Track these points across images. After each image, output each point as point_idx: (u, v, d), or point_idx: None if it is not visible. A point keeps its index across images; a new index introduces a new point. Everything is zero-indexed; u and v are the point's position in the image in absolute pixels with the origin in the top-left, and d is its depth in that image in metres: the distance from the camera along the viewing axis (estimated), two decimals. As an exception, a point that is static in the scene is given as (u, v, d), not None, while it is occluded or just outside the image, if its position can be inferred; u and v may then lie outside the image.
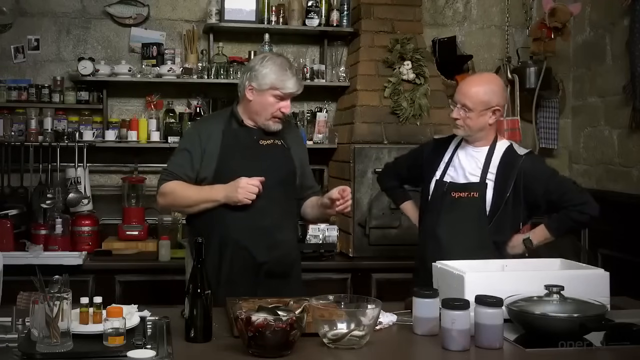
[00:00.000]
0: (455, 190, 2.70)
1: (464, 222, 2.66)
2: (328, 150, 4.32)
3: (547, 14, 4.28)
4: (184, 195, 2.63)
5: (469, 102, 2.66)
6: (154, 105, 4.25)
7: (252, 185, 2.53)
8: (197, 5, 4.44)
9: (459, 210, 2.67)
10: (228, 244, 2.61)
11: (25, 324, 1.98)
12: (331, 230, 3.97)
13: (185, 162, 2.66)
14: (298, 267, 2.79)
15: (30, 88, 4.16)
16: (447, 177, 2.75)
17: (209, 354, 1.89)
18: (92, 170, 4.21)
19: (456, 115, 2.70)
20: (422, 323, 2.05)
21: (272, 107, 2.63)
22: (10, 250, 3.62)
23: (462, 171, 2.73)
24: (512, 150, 2.74)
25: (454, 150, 2.80)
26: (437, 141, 2.93)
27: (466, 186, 2.69)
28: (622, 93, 4.12)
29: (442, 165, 2.79)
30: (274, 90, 2.61)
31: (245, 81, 2.65)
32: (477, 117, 2.66)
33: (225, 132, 2.68)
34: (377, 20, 4.23)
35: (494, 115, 2.69)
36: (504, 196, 2.64)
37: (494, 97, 2.67)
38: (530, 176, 2.66)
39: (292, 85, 2.62)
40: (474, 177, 2.70)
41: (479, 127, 2.69)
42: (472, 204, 2.66)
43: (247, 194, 2.53)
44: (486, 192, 2.66)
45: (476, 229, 2.65)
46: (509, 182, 2.65)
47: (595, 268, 2.36)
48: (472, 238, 2.64)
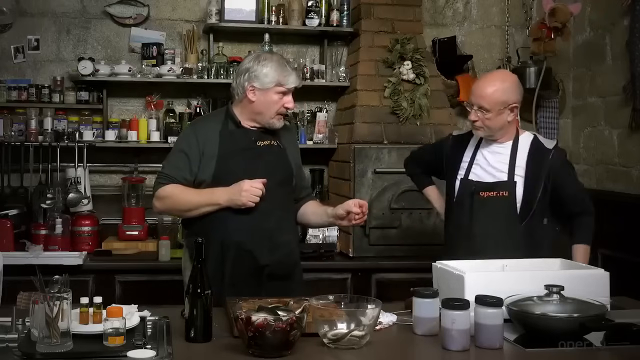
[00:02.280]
0: (484, 190, 2.68)
1: (496, 222, 2.64)
2: (328, 150, 4.32)
3: (547, 14, 4.28)
4: (183, 199, 2.59)
5: (486, 103, 2.65)
6: (154, 105, 4.25)
7: (255, 188, 2.51)
8: (197, 5, 4.44)
9: (490, 210, 2.66)
10: (230, 247, 2.59)
11: (25, 324, 1.98)
12: (331, 230, 3.97)
13: (182, 165, 2.61)
14: (299, 268, 2.79)
15: (30, 88, 4.16)
16: (472, 176, 2.73)
17: (209, 354, 1.89)
18: (92, 170, 4.21)
19: (474, 118, 2.68)
20: (422, 323, 2.05)
21: (276, 104, 2.62)
22: (10, 250, 3.62)
23: (488, 169, 2.71)
24: (538, 142, 2.71)
25: (476, 147, 2.78)
26: (457, 138, 2.90)
27: (495, 185, 2.67)
28: (622, 93, 4.12)
29: (464, 163, 2.77)
30: (279, 87, 2.61)
31: (245, 82, 2.62)
32: (495, 117, 2.65)
33: (222, 134, 2.65)
34: (377, 20, 4.23)
35: (512, 113, 2.68)
36: (536, 192, 2.62)
37: (510, 95, 2.66)
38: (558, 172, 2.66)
39: (294, 79, 2.63)
40: (501, 174, 2.68)
41: (498, 127, 2.68)
42: (502, 204, 2.64)
43: (251, 196, 2.50)
44: (516, 190, 2.64)
45: (509, 229, 2.63)
46: (540, 178, 2.63)
47: (595, 268, 2.36)
48: (505, 237, 2.62)
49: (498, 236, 2.63)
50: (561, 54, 4.60)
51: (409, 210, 3.89)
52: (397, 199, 3.87)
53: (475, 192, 2.69)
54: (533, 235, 2.65)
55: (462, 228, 2.73)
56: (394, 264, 3.82)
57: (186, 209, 2.63)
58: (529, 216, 2.63)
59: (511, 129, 2.73)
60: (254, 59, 2.66)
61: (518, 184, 2.64)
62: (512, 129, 2.73)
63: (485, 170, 2.72)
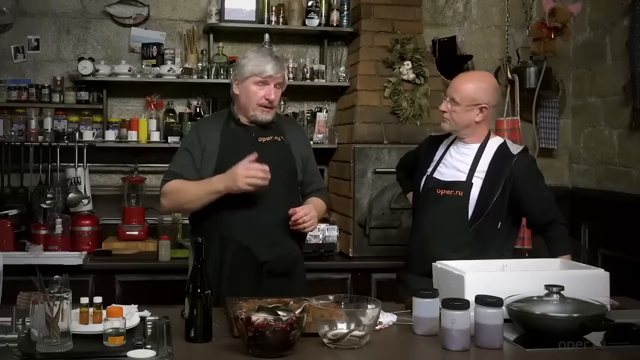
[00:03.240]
0: (440, 188, 2.70)
1: (446, 220, 2.65)
2: (328, 150, 4.33)
3: (547, 14, 4.28)
4: (185, 192, 2.60)
5: (457, 96, 2.67)
6: (154, 105, 4.25)
7: (252, 170, 2.45)
8: (197, 5, 4.44)
9: (443, 207, 2.67)
10: (229, 243, 2.60)
11: (25, 324, 1.98)
12: (331, 230, 3.97)
13: (186, 163, 2.66)
14: (301, 266, 2.77)
15: (30, 88, 4.16)
16: (436, 174, 2.75)
17: (209, 354, 1.89)
18: (92, 170, 4.21)
19: (443, 108, 2.72)
20: (422, 323, 2.05)
21: (255, 95, 2.62)
22: (10, 250, 3.62)
23: (451, 168, 2.73)
24: (504, 148, 2.71)
25: (447, 147, 2.80)
26: (433, 138, 2.92)
27: (451, 184, 2.68)
28: (622, 93, 4.12)
29: (434, 162, 2.79)
30: (254, 76, 2.61)
31: (232, 77, 2.70)
32: (463, 112, 2.67)
33: (223, 132, 2.68)
34: (377, 20, 4.23)
35: (481, 113, 2.68)
36: (491, 197, 2.61)
37: (482, 95, 2.67)
38: (521, 178, 2.64)
39: (270, 68, 2.60)
40: (461, 174, 2.69)
41: (464, 123, 2.69)
42: (455, 203, 2.65)
43: (247, 179, 2.45)
44: (471, 191, 2.64)
45: (457, 229, 2.63)
46: (498, 184, 2.63)
47: (595, 268, 2.36)
48: (453, 237, 2.63)
49: (446, 234, 2.63)
50: (561, 54, 4.60)
51: (409, 210, 3.86)
52: (397, 199, 3.86)
53: (432, 189, 2.71)
54: (482, 238, 2.62)
55: (419, 222, 2.77)
56: (394, 264, 3.80)
57: (189, 200, 2.61)
58: (481, 218, 2.61)
59: (480, 131, 2.72)
60: (241, 55, 2.71)
61: (475, 186, 2.64)
62: (480, 131, 2.72)
63: (448, 169, 2.74)
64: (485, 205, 2.62)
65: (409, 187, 3.10)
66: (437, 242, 2.64)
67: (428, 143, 2.92)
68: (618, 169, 4.22)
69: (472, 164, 2.68)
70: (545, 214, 2.67)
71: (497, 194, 2.62)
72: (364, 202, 3.95)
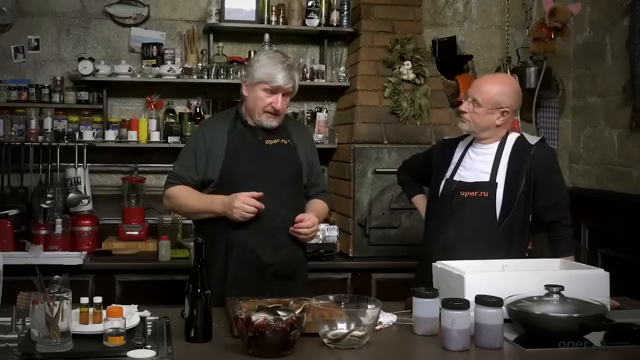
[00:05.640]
0: (464, 190, 2.65)
1: (473, 223, 2.61)
2: (328, 150, 4.32)
3: (547, 14, 4.28)
4: (186, 203, 2.64)
5: (480, 97, 2.65)
6: (154, 105, 4.25)
7: (247, 205, 2.50)
8: (197, 5, 4.44)
9: (468, 209, 2.63)
10: (234, 246, 2.59)
11: (25, 324, 1.98)
12: (331, 230, 3.97)
13: (189, 165, 2.66)
14: (304, 269, 2.78)
15: (30, 88, 4.16)
16: (457, 177, 2.71)
17: (209, 354, 1.89)
18: (92, 170, 4.20)
19: (464, 108, 2.68)
20: (422, 323, 2.05)
21: (262, 101, 2.61)
22: (10, 250, 3.62)
23: (472, 170, 2.69)
24: (522, 140, 2.69)
25: (465, 150, 2.77)
26: (447, 141, 2.90)
27: (475, 185, 2.65)
28: (622, 93, 4.12)
29: (452, 165, 2.76)
30: (263, 84, 2.59)
31: (242, 78, 2.69)
32: (484, 114, 2.64)
33: (230, 133, 2.67)
34: (377, 20, 4.23)
35: (502, 117, 2.66)
36: (516, 193, 2.59)
37: (505, 99, 2.65)
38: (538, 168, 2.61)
39: (280, 78, 2.58)
40: (484, 175, 2.65)
41: (484, 125, 2.67)
42: (481, 204, 2.62)
43: (242, 213, 2.51)
44: (496, 190, 2.61)
45: (485, 230, 2.60)
46: (520, 176, 2.60)
47: (595, 268, 2.36)
48: (481, 240, 2.59)
49: (473, 236, 2.60)
50: (561, 54, 4.60)
51: (409, 210, 3.88)
52: (397, 199, 3.86)
53: (456, 192, 2.67)
54: (510, 238, 2.60)
55: (440, 227, 2.71)
56: (394, 264, 3.81)
57: (188, 212, 2.71)
58: (508, 217, 2.59)
59: (499, 133, 2.70)
60: (256, 55, 2.69)
61: (499, 185, 2.61)
62: (500, 133, 2.70)
63: (470, 170, 2.70)
64: (511, 202, 2.59)
65: (415, 191, 3.08)
66: (465, 245, 2.59)
67: (442, 147, 2.88)
68: (618, 169, 4.22)
69: (494, 162, 2.65)
70: (552, 208, 2.64)
71: (521, 188, 2.59)
72: (364, 202, 3.95)
